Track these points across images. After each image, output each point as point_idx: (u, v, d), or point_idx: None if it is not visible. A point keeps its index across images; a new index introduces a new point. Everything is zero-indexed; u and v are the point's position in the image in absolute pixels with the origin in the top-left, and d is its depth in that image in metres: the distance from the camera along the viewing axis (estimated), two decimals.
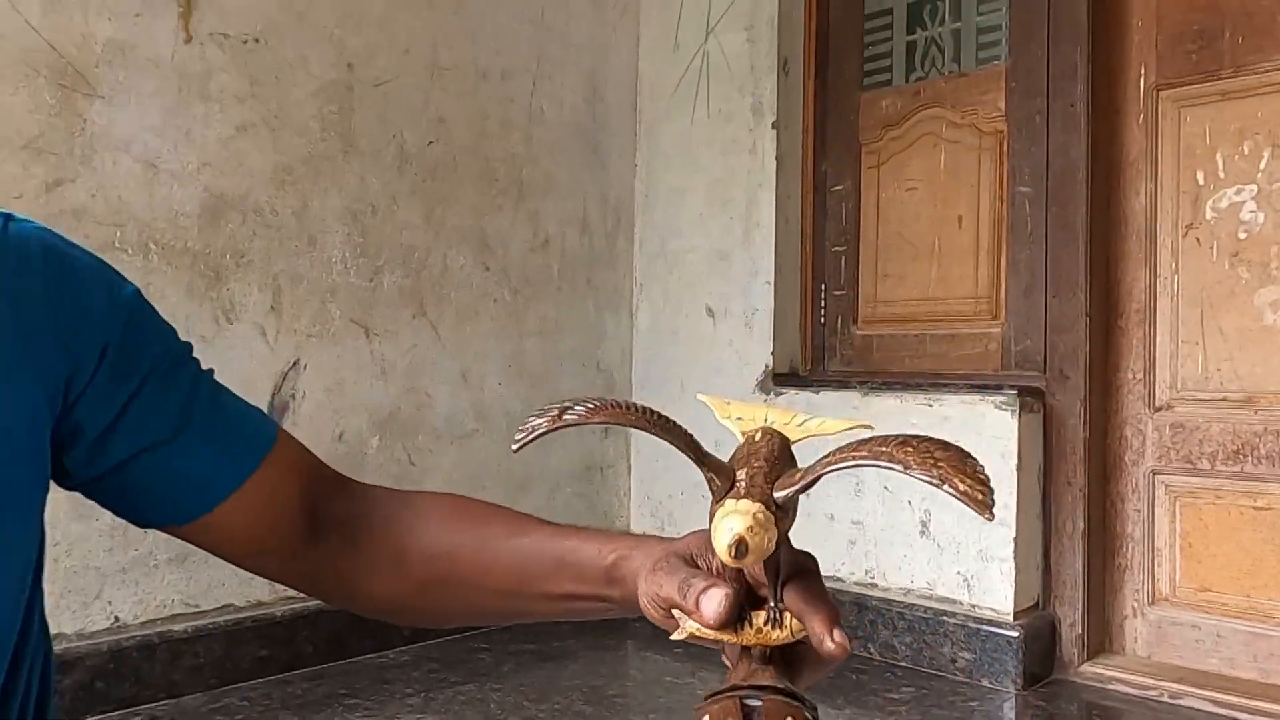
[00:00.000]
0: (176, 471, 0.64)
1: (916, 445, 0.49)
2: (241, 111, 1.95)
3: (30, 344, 0.58)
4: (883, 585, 2.24)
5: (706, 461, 0.52)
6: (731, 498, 0.50)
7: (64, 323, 0.59)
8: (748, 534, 0.47)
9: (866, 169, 2.45)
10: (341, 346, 2.11)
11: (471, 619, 0.82)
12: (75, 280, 0.61)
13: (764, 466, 0.53)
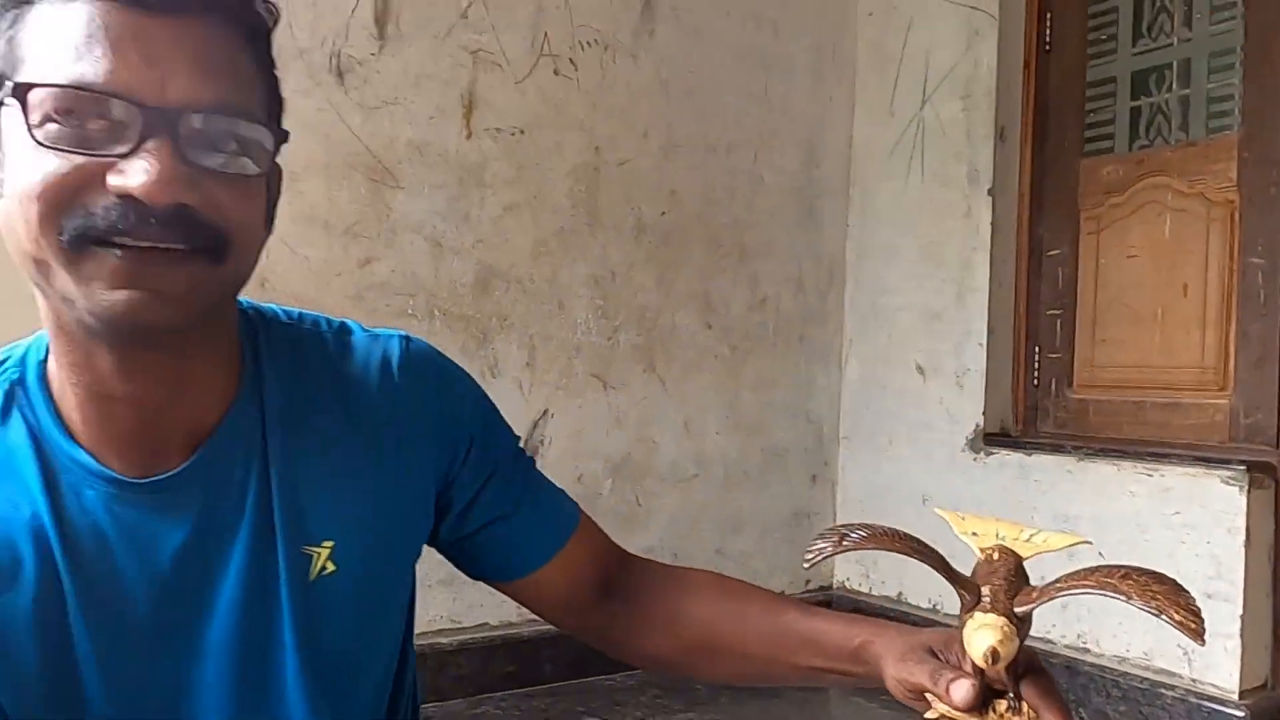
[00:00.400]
0: (510, 542, 0.83)
1: (1136, 578, 0.62)
2: (509, 194, 2.26)
3: (427, 437, 0.77)
4: (1096, 651, 2.24)
5: (956, 579, 0.67)
6: (980, 611, 0.64)
7: (447, 421, 0.78)
8: (999, 645, 0.61)
9: (1085, 235, 2.47)
10: (583, 398, 2.37)
11: (726, 680, 0.87)
12: (453, 388, 0.81)
13: (1003, 584, 0.66)
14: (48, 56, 0.55)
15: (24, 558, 0.61)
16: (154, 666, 0.64)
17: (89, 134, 0.54)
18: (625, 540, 2.64)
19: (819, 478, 2.86)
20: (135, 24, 0.55)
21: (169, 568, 0.64)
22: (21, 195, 0.55)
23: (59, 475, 0.62)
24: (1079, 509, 2.29)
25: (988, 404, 2.54)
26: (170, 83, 0.55)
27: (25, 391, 0.64)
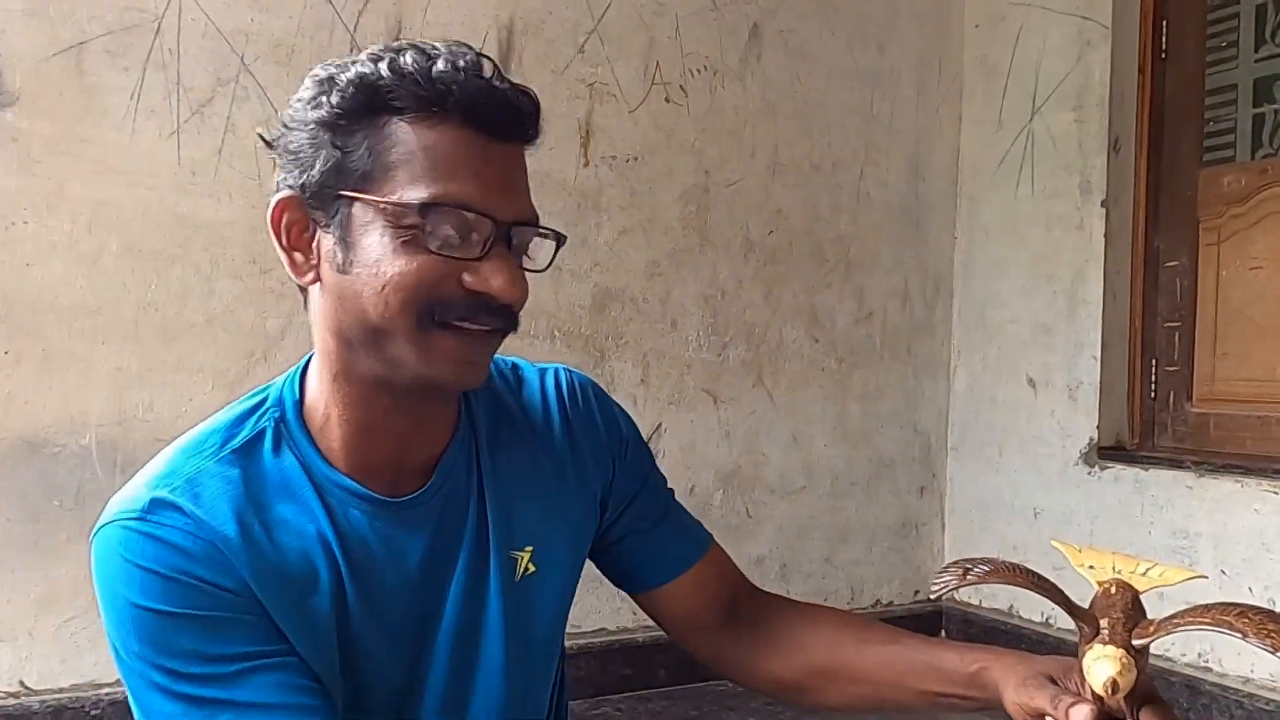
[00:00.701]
0: (646, 554, 0.92)
1: (1253, 617, 0.67)
2: (623, 218, 2.36)
3: (593, 453, 0.89)
4: (1218, 670, 2.21)
5: (1076, 611, 0.72)
6: (1099, 643, 0.69)
7: (608, 440, 0.90)
8: (1119, 676, 0.66)
9: (1205, 246, 2.42)
10: (694, 413, 2.46)
11: (845, 706, 0.90)
12: (611, 412, 0.93)
13: (1121, 618, 0.71)
14: (421, 173, 0.67)
15: (320, 568, 0.72)
16: (403, 650, 0.77)
17: (448, 238, 0.67)
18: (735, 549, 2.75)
19: (927, 489, 2.87)
20: (486, 149, 0.68)
21: (416, 570, 0.76)
22: (385, 282, 0.67)
23: (329, 497, 0.74)
24: (1199, 526, 2.25)
25: (1102, 417, 2.52)
26: (510, 201, 0.69)
27: (288, 427, 0.75)
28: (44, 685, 1.79)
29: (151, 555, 0.67)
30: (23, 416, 1.77)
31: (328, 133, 0.69)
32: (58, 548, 1.79)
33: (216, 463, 0.72)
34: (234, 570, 0.68)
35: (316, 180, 0.69)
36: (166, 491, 0.69)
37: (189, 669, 0.66)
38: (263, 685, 0.67)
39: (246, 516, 0.71)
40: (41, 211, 1.78)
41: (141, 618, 0.66)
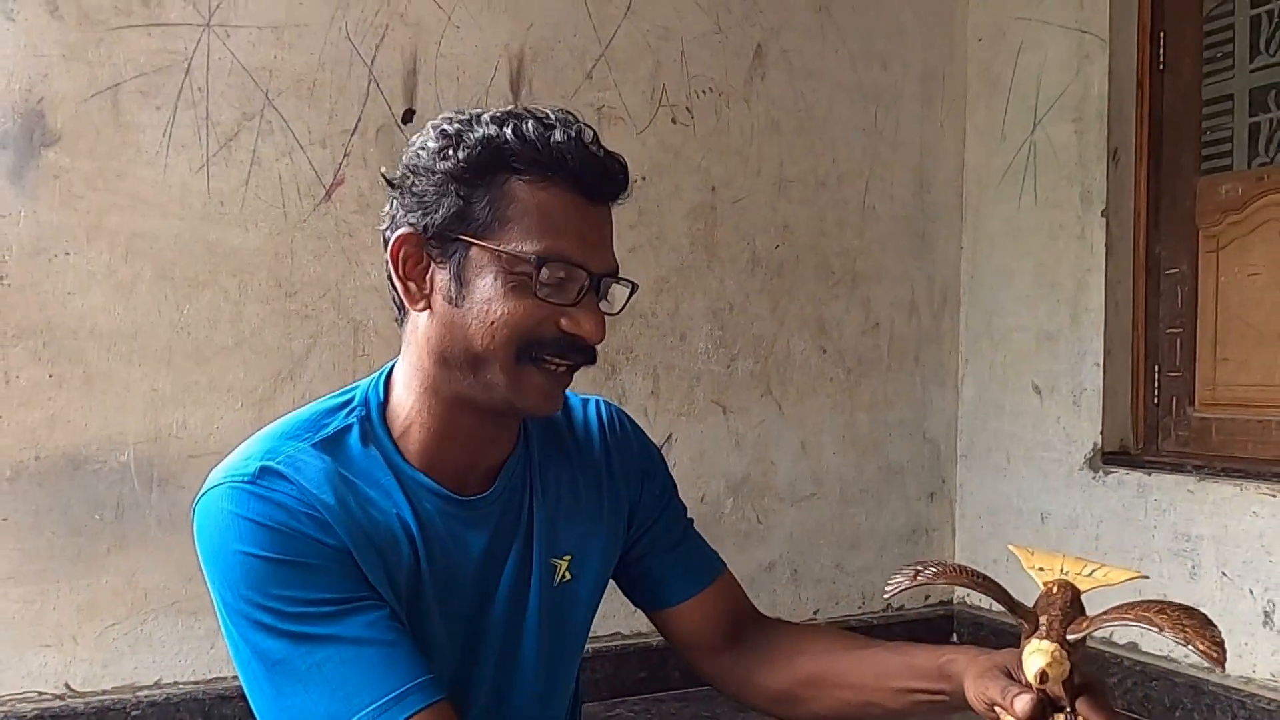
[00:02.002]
0: (661, 575, 1.00)
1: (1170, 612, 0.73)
2: (632, 236, 2.45)
3: (625, 477, 0.98)
4: (1220, 672, 2.24)
5: (1018, 609, 0.79)
6: (1035, 638, 0.76)
7: (639, 465, 1.00)
8: (1048, 667, 0.73)
9: (1204, 253, 2.47)
10: (704, 423, 2.53)
11: (835, 713, 0.96)
12: (643, 440, 1.02)
13: (1059, 615, 0.77)
14: (533, 229, 0.78)
15: (402, 544, 0.82)
16: (457, 636, 0.86)
17: (550, 286, 0.78)
18: (747, 556, 2.84)
19: (937, 495, 2.93)
20: (585, 210, 0.80)
21: (475, 565, 0.86)
22: (495, 319, 0.78)
23: (408, 488, 0.83)
24: (1200, 529, 2.29)
25: (1106, 423, 2.56)
26: (601, 255, 0.81)
27: (372, 425, 0.85)
28: (88, 688, 1.90)
29: (260, 510, 0.76)
30: (65, 435, 1.88)
31: (454, 183, 0.79)
32: (99, 558, 1.90)
33: (311, 446, 0.81)
34: (333, 530, 0.77)
35: (439, 223, 0.80)
36: (272, 463, 0.79)
37: (291, 609, 0.74)
38: (357, 624, 0.75)
39: (341, 490, 0.80)
40: (82, 243, 1.89)
41: (249, 564, 0.75)
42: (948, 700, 0.89)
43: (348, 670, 0.74)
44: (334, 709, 0.73)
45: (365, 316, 2.10)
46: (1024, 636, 0.78)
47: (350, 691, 0.74)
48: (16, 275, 1.85)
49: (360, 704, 0.73)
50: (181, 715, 1.94)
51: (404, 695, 0.74)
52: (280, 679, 0.75)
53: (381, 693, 0.74)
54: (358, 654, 0.75)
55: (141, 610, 1.94)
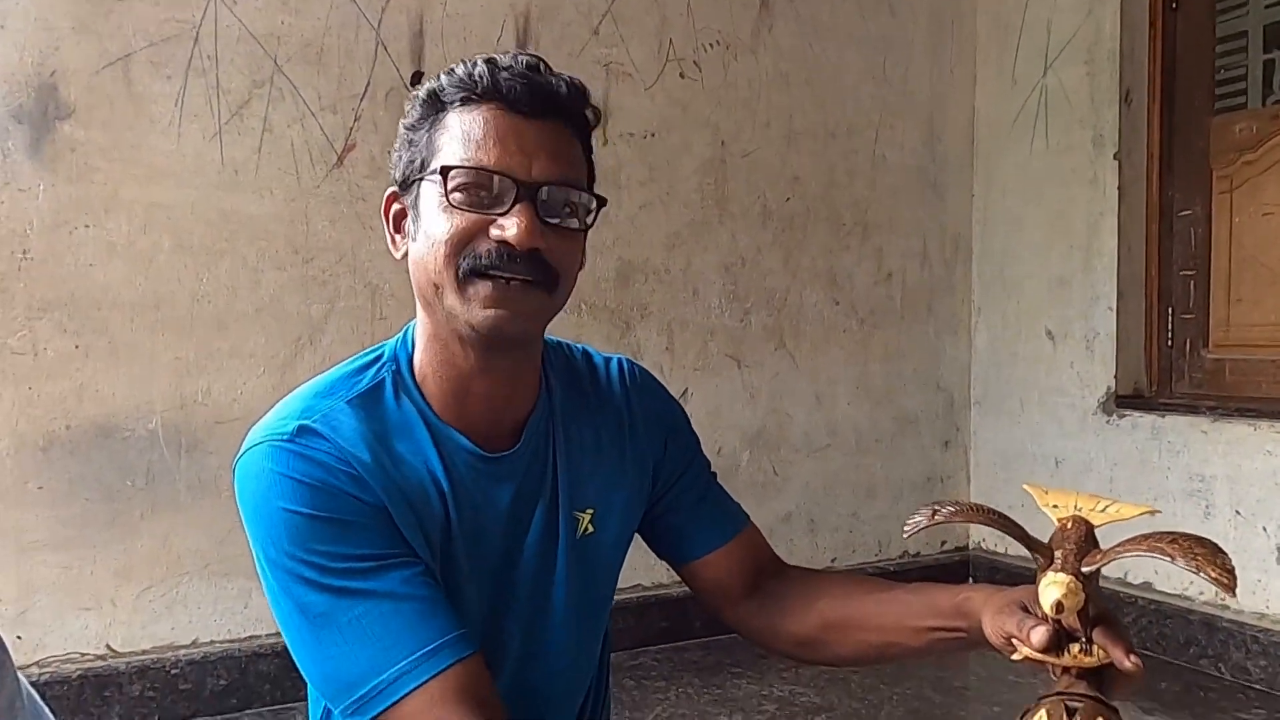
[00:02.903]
0: (686, 528, 1.02)
1: (1182, 542, 0.75)
2: (643, 193, 2.45)
3: (648, 434, 0.99)
4: (1235, 607, 2.28)
5: (1034, 545, 0.81)
6: (1051, 571, 0.78)
7: (663, 422, 1.00)
8: (1064, 598, 0.75)
9: (1218, 194, 2.45)
10: (719, 377, 2.56)
11: (856, 655, 0.98)
12: (666, 398, 1.03)
13: (1074, 548, 0.80)
14: (458, 147, 0.80)
15: (433, 498, 0.84)
16: (486, 589, 0.88)
17: (480, 199, 0.79)
18: (764, 507, 2.89)
19: (951, 443, 2.95)
20: (516, 124, 0.80)
21: (503, 519, 0.88)
22: (434, 240, 0.80)
23: (440, 442, 0.85)
24: (1214, 469, 2.31)
25: (1119, 367, 2.57)
26: (533, 165, 0.79)
27: (403, 379, 0.87)
28: (128, 648, 1.96)
29: (300, 469, 0.79)
30: (94, 404, 1.92)
31: (408, 133, 0.85)
32: (133, 524, 1.95)
33: (346, 404, 0.84)
34: (370, 487, 0.80)
35: (402, 174, 0.85)
36: (309, 421, 0.81)
37: (332, 564, 0.78)
38: (394, 579, 0.78)
39: (375, 447, 0.82)
40: (100, 215, 1.91)
41: (291, 520, 0.78)
42: (966, 637, 0.91)
43: (386, 624, 0.77)
44: (373, 660, 0.76)
45: (381, 280, 2.12)
46: (1039, 571, 0.80)
47: (388, 644, 0.77)
48: (38, 248, 1.87)
49: (398, 656, 0.76)
50: (219, 672, 2.00)
51: (439, 649, 0.77)
52: (321, 631, 0.78)
53: (417, 646, 0.77)
54: (395, 609, 0.77)
55: (176, 573, 1.99)
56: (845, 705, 2.06)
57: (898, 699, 2.10)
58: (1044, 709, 0.78)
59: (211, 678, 1.99)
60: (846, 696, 2.11)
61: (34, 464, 1.88)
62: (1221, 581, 0.72)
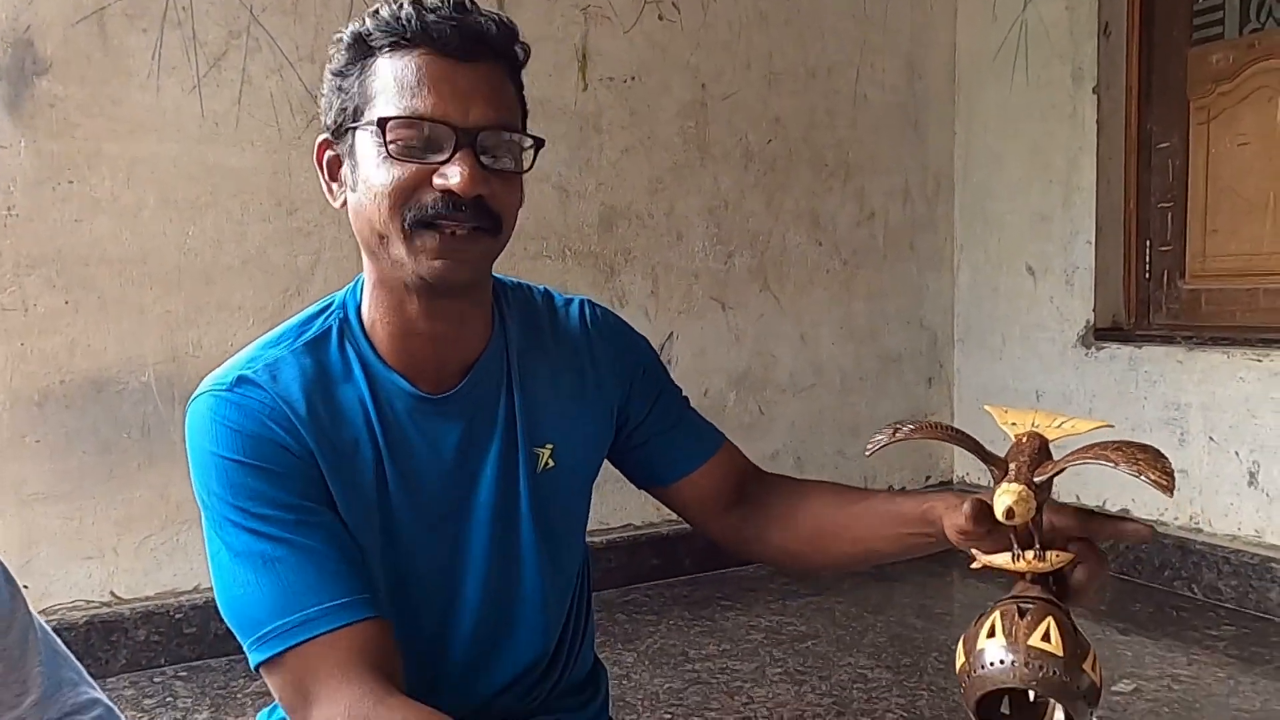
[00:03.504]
0: (663, 455, 1.04)
1: (1125, 449, 0.79)
2: (624, 138, 2.46)
3: (612, 372, 1.01)
4: (1208, 530, 2.35)
5: (989, 458, 0.85)
6: (1005, 481, 0.83)
7: (623, 364, 1.02)
8: (1015, 505, 0.79)
9: (1195, 125, 2.47)
10: (704, 320, 2.59)
11: (837, 564, 1.02)
12: (625, 337, 1.04)
13: (1027, 460, 0.84)
14: (392, 96, 0.79)
15: (364, 445, 0.86)
16: (441, 526, 0.90)
17: (419, 149, 0.79)
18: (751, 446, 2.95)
19: (935, 380, 3.00)
20: (448, 69, 0.79)
21: (450, 459, 0.89)
22: (376, 192, 0.80)
23: (378, 388, 0.87)
24: (1189, 397, 2.37)
25: (1098, 300, 2.61)
26: (470, 110, 0.79)
27: (349, 327, 0.89)
28: (131, 595, 2.01)
29: (234, 418, 0.82)
30: (87, 359, 1.95)
31: (336, 79, 0.84)
32: (131, 475, 1.99)
33: (292, 353, 0.87)
34: (301, 437, 0.83)
35: (333, 121, 0.84)
36: (250, 372, 0.85)
37: (258, 510, 0.81)
38: (315, 534, 0.82)
39: (314, 397, 0.85)
40: (84, 171, 1.92)
41: (223, 465, 0.82)
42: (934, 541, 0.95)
43: (300, 574, 0.80)
44: (282, 603, 0.80)
45: None
46: (995, 481, 0.84)
47: (299, 591, 0.80)
48: (24, 206, 1.89)
49: (307, 603, 0.80)
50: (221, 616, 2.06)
51: (348, 605, 0.80)
52: (240, 570, 0.81)
53: (327, 598, 0.80)
54: (311, 561, 0.81)
55: (175, 521, 2.04)
56: (830, 633, 2.13)
57: (881, 626, 2.17)
58: (998, 610, 0.83)
59: (215, 621, 2.04)
60: (831, 625, 2.18)
61: (30, 419, 1.92)
62: (1161, 484, 0.76)
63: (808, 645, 2.06)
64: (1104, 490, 2.57)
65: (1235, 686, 1.81)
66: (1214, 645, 2.04)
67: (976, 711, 0.83)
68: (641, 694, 1.81)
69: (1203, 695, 1.77)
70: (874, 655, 1.99)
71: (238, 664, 1.99)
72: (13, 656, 0.78)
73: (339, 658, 0.79)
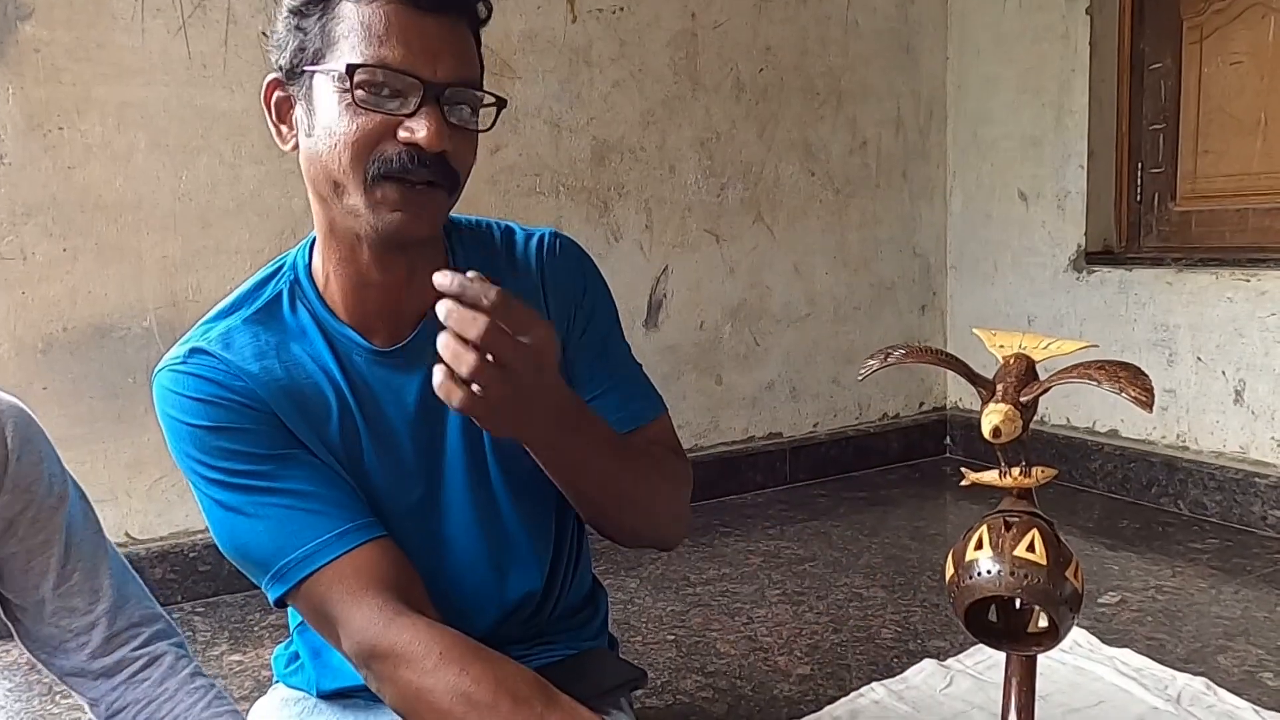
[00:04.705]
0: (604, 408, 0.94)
1: (1108, 368, 0.82)
2: (614, 70, 2.44)
3: (557, 306, 0.97)
4: (1194, 449, 2.40)
5: (977, 380, 0.89)
6: (992, 402, 0.86)
7: (569, 293, 0.98)
8: (1001, 424, 0.82)
9: (1188, 45, 2.46)
10: (699, 253, 2.61)
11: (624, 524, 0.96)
12: (576, 267, 1.00)
13: (1014, 381, 0.87)
14: (357, 42, 0.77)
15: (330, 399, 0.87)
16: (415, 472, 0.91)
17: (384, 100, 0.78)
18: (747, 377, 2.99)
19: (928, 307, 3.03)
20: (417, 21, 0.78)
21: (414, 409, 0.90)
22: (336, 140, 0.78)
23: (336, 344, 0.88)
24: (1178, 319, 2.40)
25: (1089, 224, 2.63)
26: (439, 64, 0.78)
27: (300, 288, 0.89)
28: (146, 535, 2.06)
29: (192, 386, 0.85)
30: (88, 306, 1.97)
31: (295, 18, 0.82)
32: (138, 418, 2.03)
33: (243, 323, 0.88)
34: (258, 396, 0.85)
35: (288, 61, 0.82)
36: (203, 343, 0.87)
37: (236, 466, 0.84)
38: (296, 477, 0.84)
39: (269, 359, 0.87)
40: (74, 116, 1.91)
41: (191, 433, 0.84)
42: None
43: (291, 514, 0.83)
44: (283, 542, 0.83)
45: None
46: (983, 402, 0.87)
47: (296, 529, 0.83)
48: (15, 153, 1.88)
49: (307, 539, 0.83)
50: None
51: (347, 532, 0.83)
52: (234, 522, 0.85)
53: (325, 530, 0.83)
54: (297, 501, 0.83)
55: None
56: (826, 555, 2.20)
57: (876, 547, 2.24)
58: (985, 524, 0.87)
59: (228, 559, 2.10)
60: (828, 547, 2.25)
61: (36, 366, 1.94)
62: (1141, 400, 0.79)
63: (805, 568, 2.12)
64: (1093, 411, 2.62)
65: (1217, 596, 1.88)
66: (1198, 558, 2.10)
67: (965, 619, 0.88)
68: (645, 617, 1.88)
69: (1185, 604, 1.84)
70: (869, 575, 2.06)
71: (253, 599, 2.05)
72: (87, 566, 0.85)
73: (347, 583, 0.82)
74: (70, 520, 0.85)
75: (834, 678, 1.59)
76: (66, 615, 0.84)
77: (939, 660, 1.47)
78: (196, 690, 0.87)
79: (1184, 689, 1.37)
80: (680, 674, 1.64)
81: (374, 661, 0.80)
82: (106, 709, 0.86)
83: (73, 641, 0.85)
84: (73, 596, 0.84)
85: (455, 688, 0.76)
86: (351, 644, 0.82)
